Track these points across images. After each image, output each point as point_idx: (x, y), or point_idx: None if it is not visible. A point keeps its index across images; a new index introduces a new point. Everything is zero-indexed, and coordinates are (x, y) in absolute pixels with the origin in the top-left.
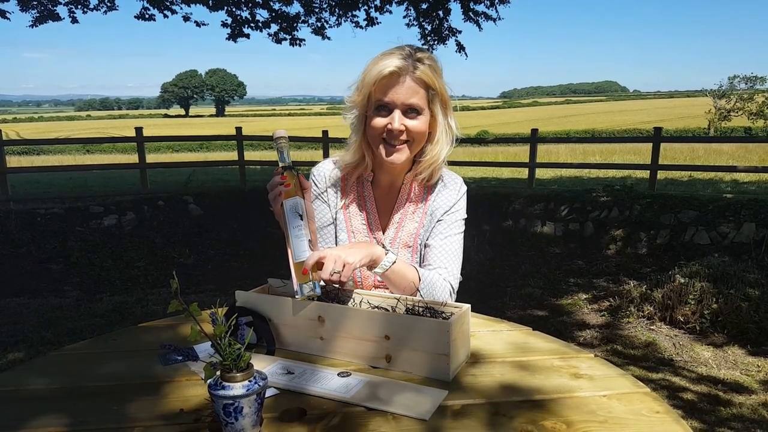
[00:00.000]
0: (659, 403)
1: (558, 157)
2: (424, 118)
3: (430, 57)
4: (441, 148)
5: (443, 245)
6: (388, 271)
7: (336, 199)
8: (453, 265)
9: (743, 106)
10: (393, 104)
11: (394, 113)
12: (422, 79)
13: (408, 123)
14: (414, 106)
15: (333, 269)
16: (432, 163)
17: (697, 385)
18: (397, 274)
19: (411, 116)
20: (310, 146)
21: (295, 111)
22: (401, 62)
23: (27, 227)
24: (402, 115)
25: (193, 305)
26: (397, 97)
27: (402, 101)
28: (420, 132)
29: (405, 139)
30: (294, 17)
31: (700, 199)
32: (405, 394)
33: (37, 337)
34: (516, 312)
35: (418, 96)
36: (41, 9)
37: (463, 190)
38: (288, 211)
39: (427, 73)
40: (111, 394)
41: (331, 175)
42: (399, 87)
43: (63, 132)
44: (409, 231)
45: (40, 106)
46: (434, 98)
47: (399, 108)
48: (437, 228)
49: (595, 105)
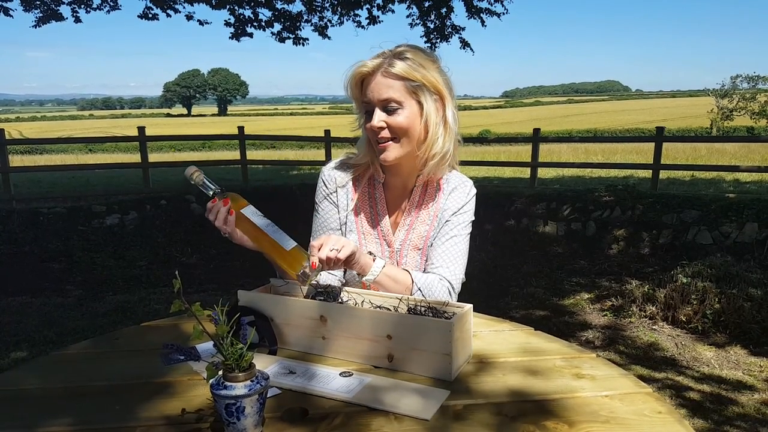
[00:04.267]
0: (662, 404)
1: (560, 157)
2: (407, 111)
3: (415, 51)
4: (436, 140)
5: (447, 244)
6: (379, 276)
7: (346, 201)
8: (454, 265)
9: (746, 106)
10: (372, 103)
11: (374, 112)
12: (395, 72)
13: (388, 118)
14: (390, 100)
15: (333, 246)
16: (430, 157)
17: (699, 385)
18: (390, 279)
19: (391, 112)
20: (312, 146)
21: (297, 110)
22: (373, 62)
23: (30, 226)
24: (381, 112)
25: (195, 305)
26: (373, 95)
27: (377, 98)
28: (402, 126)
29: (391, 136)
30: (297, 16)
31: (703, 199)
32: (407, 394)
33: (39, 336)
34: (518, 312)
35: (393, 89)
36: (44, 9)
37: (473, 192)
38: (251, 216)
39: (402, 66)
40: (113, 393)
41: (342, 176)
42: (373, 85)
43: (66, 131)
44: (419, 233)
45: (42, 106)
46: (419, 90)
47: (377, 105)
48: (444, 228)
49: (598, 104)
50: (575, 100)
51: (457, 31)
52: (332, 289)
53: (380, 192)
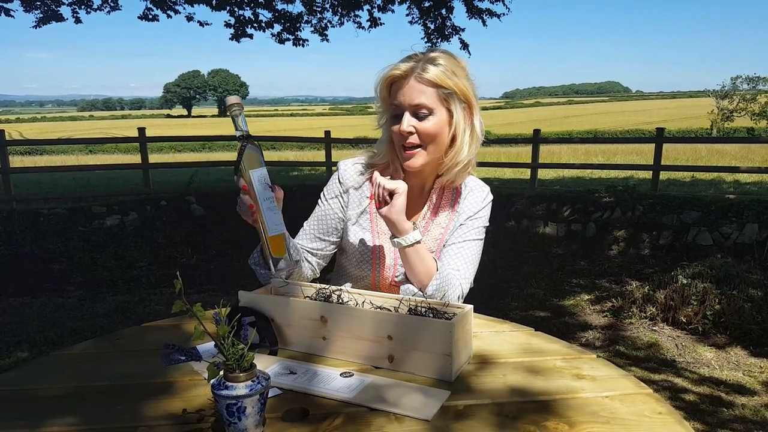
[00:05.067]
0: (662, 404)
1: (560, 158)
2: (437, 118)
3: (447, 57)
4: (462, 148)
5: (460, 248)
6: (410, 248)
7: (358, 201)
8: (466, 269)
9: (746, 107)
10: (402, 107)
11: (404, 116)
12: (429, 78)
13: (418, 124)
14: (422, 106)
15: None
16: (454, 164)
17: (699, 386)
18: (418, 255)
19: (421, 117)
20: (312, 147)
21: (297, 111)
22: (407, 65)
23: (30, 227)
24: (411, 117)
25: (196, 305)
26: (404, 99)
27: (408, 102)
28: (431, 133)
29: (418, 143)
30: (297, 17)
31: (703, 200)
32: (408, 394)
33: (40, 336)
34: (518, 313)
35: (426, 95)
36: (45, 9)
37: (489, 198)
38: (256, 182)
39: (436, 72)
40: (114, 394)
41: (358, 178)
42: (405, 89)
43: (66, 132)
44: (434, 236)
45: (43, 107)
46: (450, 97)
47: (407, 110)
48: (457, 232)
49: (598, 105)
50: (575, 101)
51: (457, 31)
52: (330, 294)
53: None
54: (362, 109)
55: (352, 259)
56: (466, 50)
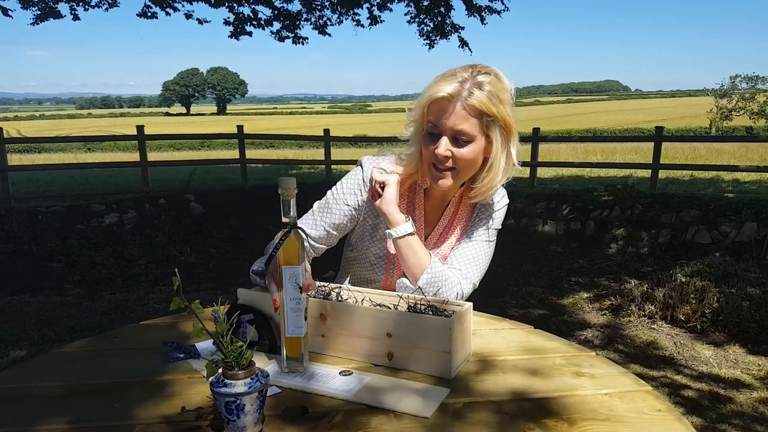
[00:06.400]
0: (661, 401)
1: (559, 156)
2: (475, 146)
3: (494, 82)
4: (497, 175)
5: (467, 247)
6: (402, 240)
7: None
8: (471, 269)
9: (745, 106)
10: (442, 129)
11: (441, 138)
12: (474, 106)
13: (456, 150)
14: (463, 133)
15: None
16: (485, 190)
17: (698, 383)
18: (410, 248)
19: (461, 143)
20: (311, 145)
21: (296, 109)
22: (454, 88)
23: (28, 225)
24: (449, 142)
25: (195, 303)
26: (445, 123)
27: (450, 127)
28: (468, 160)
29: (451, 166)
30: (296, 15)
31: (702, 199)
32: (407, 392)
33: (38, 335)
34: (517, 311)
35: (469, 123)
36: (42, 6)
37: (504, 202)
38: (287, 280)
39: (482, 99)
40: (113, 391)
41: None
42: (449, 113)
43: (64, 130)
44: (450, 244)
45: (41, 104)
46: (491, 125)
47: (447, 134)
48: (467, 231)
49: (597, 104)
50: (574, 100)
51: (456, 30)
52: (329, 292)
53: (420, 199)
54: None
55: (365, 262)
56: (466, 48)
